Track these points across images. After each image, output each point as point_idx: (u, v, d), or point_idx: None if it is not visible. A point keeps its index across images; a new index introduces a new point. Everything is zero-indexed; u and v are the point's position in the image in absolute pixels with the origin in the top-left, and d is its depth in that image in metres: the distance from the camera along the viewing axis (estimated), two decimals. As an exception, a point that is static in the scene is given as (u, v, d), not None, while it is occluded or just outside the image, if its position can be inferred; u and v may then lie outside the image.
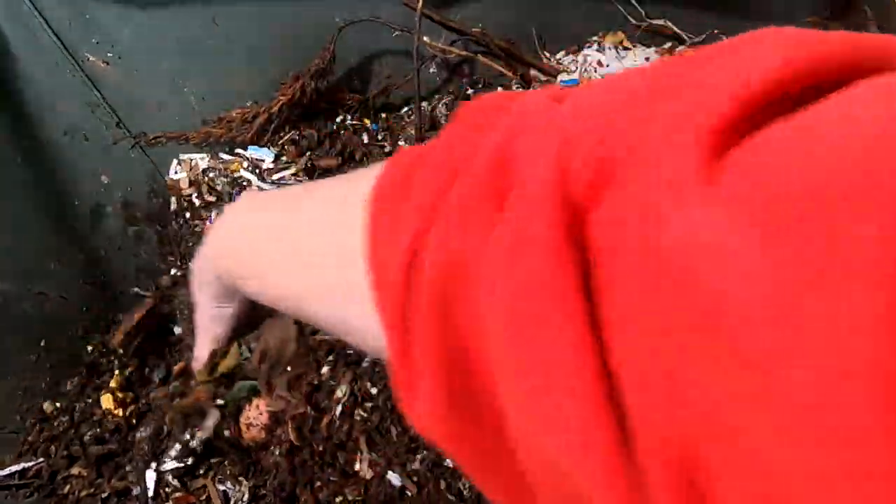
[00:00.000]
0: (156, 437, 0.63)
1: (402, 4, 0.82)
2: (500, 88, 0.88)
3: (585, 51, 0.83)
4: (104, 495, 0.66)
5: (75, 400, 0.71)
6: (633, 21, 0.83)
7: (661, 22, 0.82)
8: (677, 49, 0.81)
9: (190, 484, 0.66)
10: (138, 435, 0.64)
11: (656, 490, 0.15)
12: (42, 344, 0.74)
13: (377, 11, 0.82)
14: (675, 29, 0.82)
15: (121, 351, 0.73)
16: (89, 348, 0.76)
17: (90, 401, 0.70)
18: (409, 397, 0.24)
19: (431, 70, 0.93)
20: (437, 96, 0.94)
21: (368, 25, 0.82)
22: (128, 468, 0.67)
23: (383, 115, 0.93)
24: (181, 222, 0.89)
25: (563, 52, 0.88)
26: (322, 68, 0.83)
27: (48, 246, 0.78)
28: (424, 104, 0.94)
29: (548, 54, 0.89)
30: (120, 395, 0.67)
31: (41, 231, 0.78)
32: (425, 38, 0.86)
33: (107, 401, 0.67)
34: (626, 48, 0.82)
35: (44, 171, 0.80)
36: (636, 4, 0.82)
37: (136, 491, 0.65)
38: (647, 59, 0.79)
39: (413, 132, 0.89)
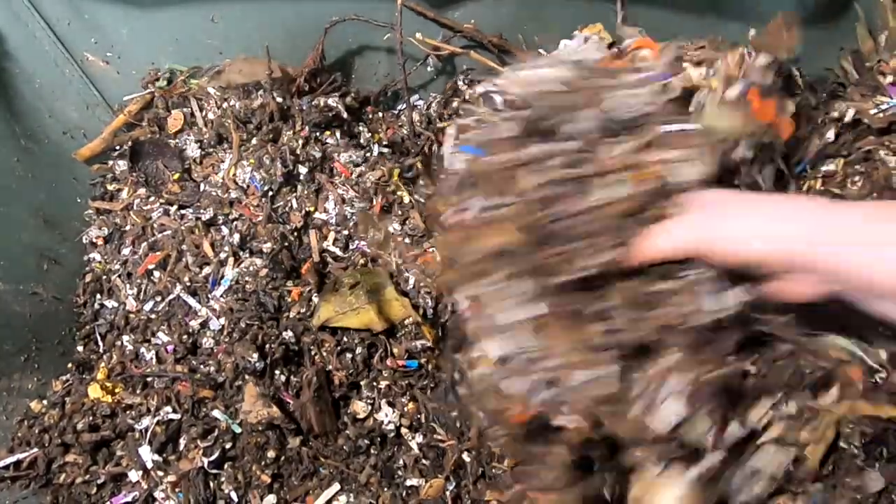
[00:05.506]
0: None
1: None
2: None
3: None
4: (100, 481, 0.68)
5: (65, 395, 0.72)
6: (620, 20, 0.82)
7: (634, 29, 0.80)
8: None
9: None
10: None
11: None
12: (33, 346, 0.75)
13: (376, 10, 0.82)
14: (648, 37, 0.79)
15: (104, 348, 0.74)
16: (79, 348, 0.77)
17: (78, 394, 0.70)
18: None
19: (429, 68, 0.93)
20: (432, 94, 0.94)
21: (365, 25, 0.83)
22: (120, 453, 0.68)
23: (380, 114, 0.93)
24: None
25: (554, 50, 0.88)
26: (314, 69, 0.84)
27: (45, 246, 0.79)
28: (421, 102, 0.94)
29: (542, 51, 0.88)
30: (109, 384, 0.68)
31: (38, 231, 0.79)
32: (418, 36, 0.86)
33: (94, 390, 0.68)
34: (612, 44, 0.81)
35: (42, 170, 0.81)
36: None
37: (132, 476, 0.66)
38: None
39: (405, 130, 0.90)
